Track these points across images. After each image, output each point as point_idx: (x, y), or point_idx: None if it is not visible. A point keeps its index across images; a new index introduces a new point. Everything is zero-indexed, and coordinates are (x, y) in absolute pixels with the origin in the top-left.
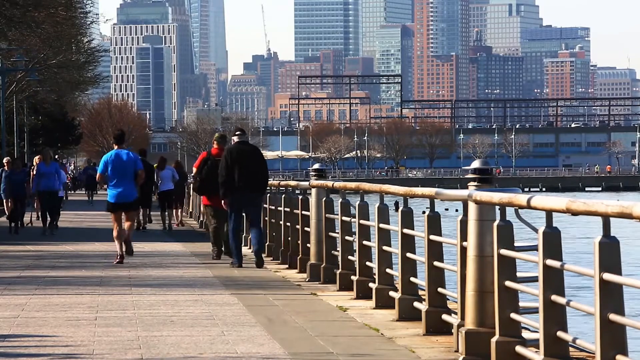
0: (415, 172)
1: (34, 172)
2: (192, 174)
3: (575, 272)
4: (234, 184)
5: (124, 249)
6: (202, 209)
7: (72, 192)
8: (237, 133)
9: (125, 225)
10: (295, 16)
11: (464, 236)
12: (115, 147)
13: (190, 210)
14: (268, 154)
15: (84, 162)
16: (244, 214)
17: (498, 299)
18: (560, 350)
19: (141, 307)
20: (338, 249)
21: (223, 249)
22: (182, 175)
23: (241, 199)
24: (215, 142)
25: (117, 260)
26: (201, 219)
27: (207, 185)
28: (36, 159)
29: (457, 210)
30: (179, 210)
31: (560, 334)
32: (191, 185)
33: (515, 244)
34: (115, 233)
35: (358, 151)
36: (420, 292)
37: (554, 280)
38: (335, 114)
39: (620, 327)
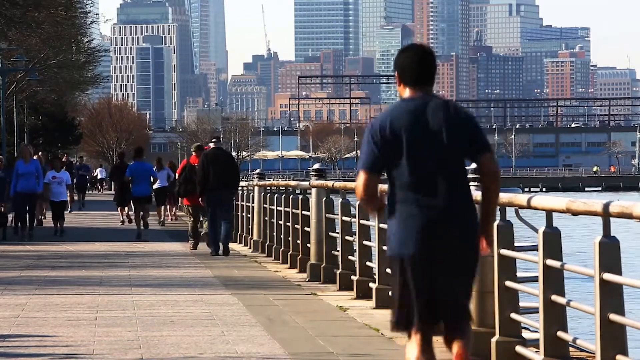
0: None
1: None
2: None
3: (575, 272)
4: (209, 183)
5: (142, 225)
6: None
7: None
8: (213, 140)
9: (143, 210)
10: (295, 16)
11: None
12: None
13: (181, 205)
14: (268, 154)
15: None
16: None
17: (498, 299)
18: (560, 350)
19: (141, 307)
20: (338, 249)
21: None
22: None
23: (215, 196)
24: (193, 151)
25: (136, 236)
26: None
27: (186, 188)
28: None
29: None
30: (174, 206)
31: (560, 334)
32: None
33: (515, 244)
34: (135, 216)
35: (358, 151)
36: None
37: (554, 280)
38: (335, 114)
39: (620, 327)
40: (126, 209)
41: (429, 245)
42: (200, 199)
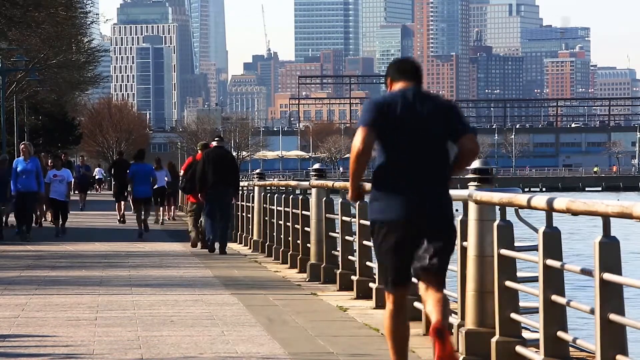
0: None
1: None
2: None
3: (575, 272)
4: (208, 181)
5: (143, 227)
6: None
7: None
8: (216, 139)
9: (144, 210)
10: (295, 16)
11: (464, 236)
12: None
13: (180, 205)
14: (268, 154)
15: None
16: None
17: (498, 299)
18: (560, 350)
19: (141, 307)
20: (338, 249)
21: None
22: (175, 175)
23: (215, 193)
24: (199, 149)
25: (138, 235)
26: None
27: (192, 185)
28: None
29: (457, 210)
30: (172, 206)
31: (560, 334)
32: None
33: (515, 244)
34: (136, 216)
35: None
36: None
37: (554, 280)
38: (335, 114)
39: (620, 327)
40: (122, 207)
41: (412, 213)
42: (199, 195)
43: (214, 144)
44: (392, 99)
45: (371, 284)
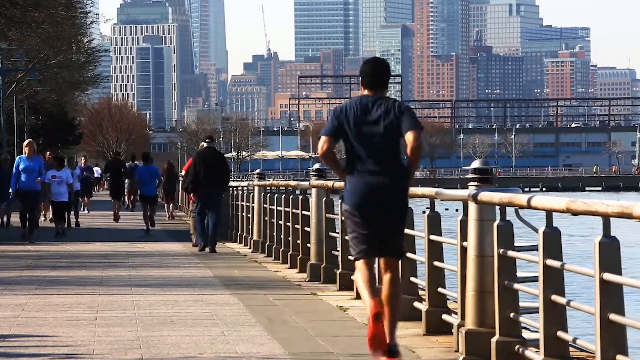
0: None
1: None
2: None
3: (575, 272)
4: (199, 181)
5: (149, 224)
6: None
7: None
8: (206, 140)
9: (149, 208)
10: (295, 16)
11: (464, 236)
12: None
13: (180, 205)
14: (268, 154)
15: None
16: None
17: (498, 299)
18: (560, 350)
19: (141, 307)
20: (338, 249)
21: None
22: (174, 175)
23: (206, 193)
24: None
25: (145, 232)
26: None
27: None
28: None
29: (457, 210)
30: (171, 205)
31: (560, 334)
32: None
33: (515, 244)
34: (143, 213)
35: None
36: (421, 292)
37: (554, 280)
38: None
39: (620, 327)
40: (117, 206)
41: (371, 199)
42: (191, 195)
43: (205, 144)
44: (350, 105)
45: None
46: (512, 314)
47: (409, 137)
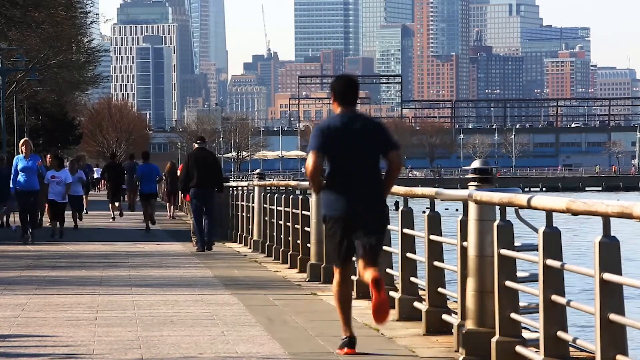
0: (415, 172)
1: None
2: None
3: (575, 272)
4: (191, 182)
5: (149, 223)
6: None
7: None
8: (197, 141)
9: (150, 205)
10: (295, 16)
11: (464, 236)
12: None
13: (180, 204)
14: (268, 154)
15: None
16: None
17: (498, 299)
18: (560, 350)
19: (141, 307)
20: None
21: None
22: (176, 175)
23: (199, 194)
24: None
25: (145, 231)
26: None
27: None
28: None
29: (457, 210)
30: (171, 205)
31: (560, 334)
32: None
33: (515, 244)
34: (143, 211)
35: None
36: (421, 292)
37: (554, 280)
38: None
39: (620, 327)
40: (117, 204)
41: (352, 210)
42: (184, 196)
43: (196, 145)
44: (333, 122)
45: None
46: (512, 314)
47: (392, 157)
